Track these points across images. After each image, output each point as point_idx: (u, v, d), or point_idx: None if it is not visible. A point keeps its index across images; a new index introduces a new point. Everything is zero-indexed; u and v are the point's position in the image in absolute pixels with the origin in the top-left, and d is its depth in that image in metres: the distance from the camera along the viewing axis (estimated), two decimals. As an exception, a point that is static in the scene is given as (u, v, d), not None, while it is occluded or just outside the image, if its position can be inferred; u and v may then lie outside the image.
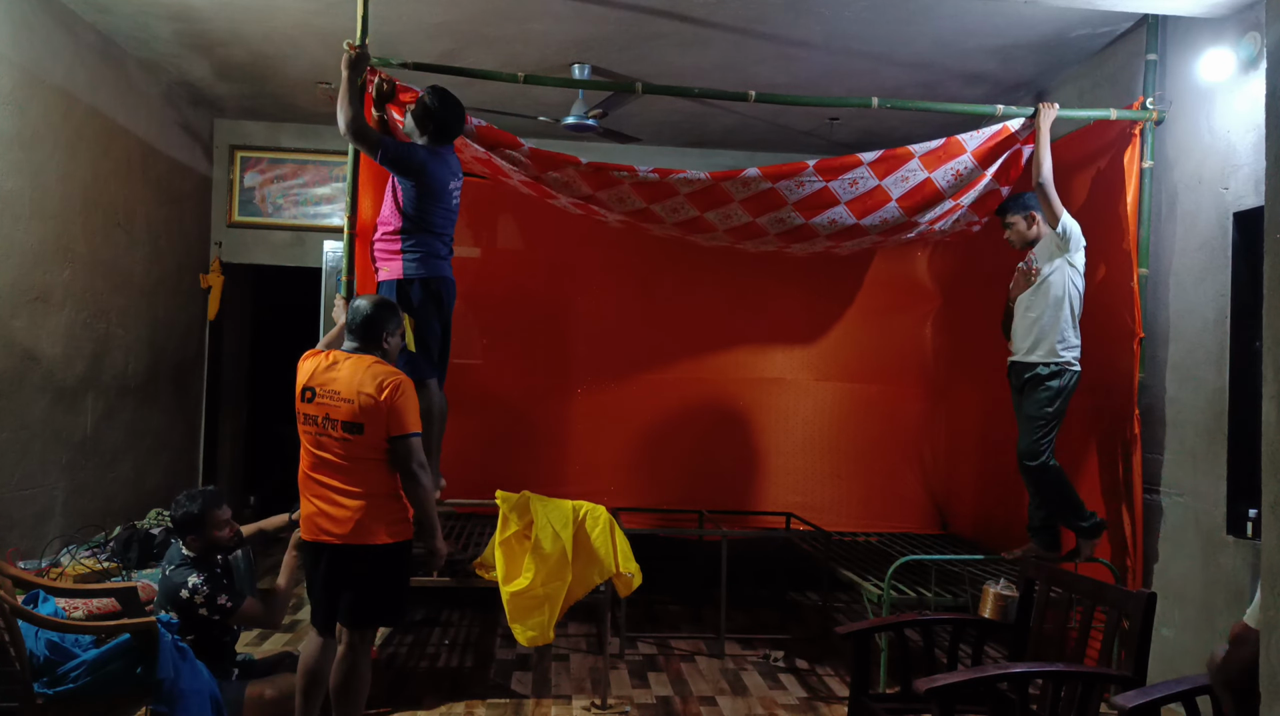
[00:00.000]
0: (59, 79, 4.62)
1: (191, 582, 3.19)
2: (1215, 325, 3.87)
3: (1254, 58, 3.72)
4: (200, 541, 3.28)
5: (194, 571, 3.22)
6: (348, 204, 3.96)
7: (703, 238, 4.84)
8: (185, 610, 3.20)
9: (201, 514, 3.27)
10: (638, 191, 4.30)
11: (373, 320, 3.13)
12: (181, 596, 3.19)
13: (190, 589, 3.18)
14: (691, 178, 4.21)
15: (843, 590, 5.80)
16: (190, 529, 3.27)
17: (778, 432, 5.88)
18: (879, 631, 3.27)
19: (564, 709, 3.98)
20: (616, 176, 4.22)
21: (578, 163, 4.15)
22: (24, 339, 4.39)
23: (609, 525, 3.92)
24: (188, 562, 3.27)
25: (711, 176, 4.21)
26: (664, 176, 4.19)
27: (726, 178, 4.22)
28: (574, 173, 4.20)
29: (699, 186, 4.27)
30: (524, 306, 5.67)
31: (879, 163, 4.23)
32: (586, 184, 4.26)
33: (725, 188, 4.28)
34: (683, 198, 4.34)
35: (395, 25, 4.63)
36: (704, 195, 4.33)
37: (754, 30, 4.68)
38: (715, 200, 4.37)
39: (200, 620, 3.24)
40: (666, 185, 4.26)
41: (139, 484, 5.60)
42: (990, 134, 4.28)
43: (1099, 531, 4.09)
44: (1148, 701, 2.37)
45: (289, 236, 6.72)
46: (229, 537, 3.36)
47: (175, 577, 3.22)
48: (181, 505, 3.28)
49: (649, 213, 4.46)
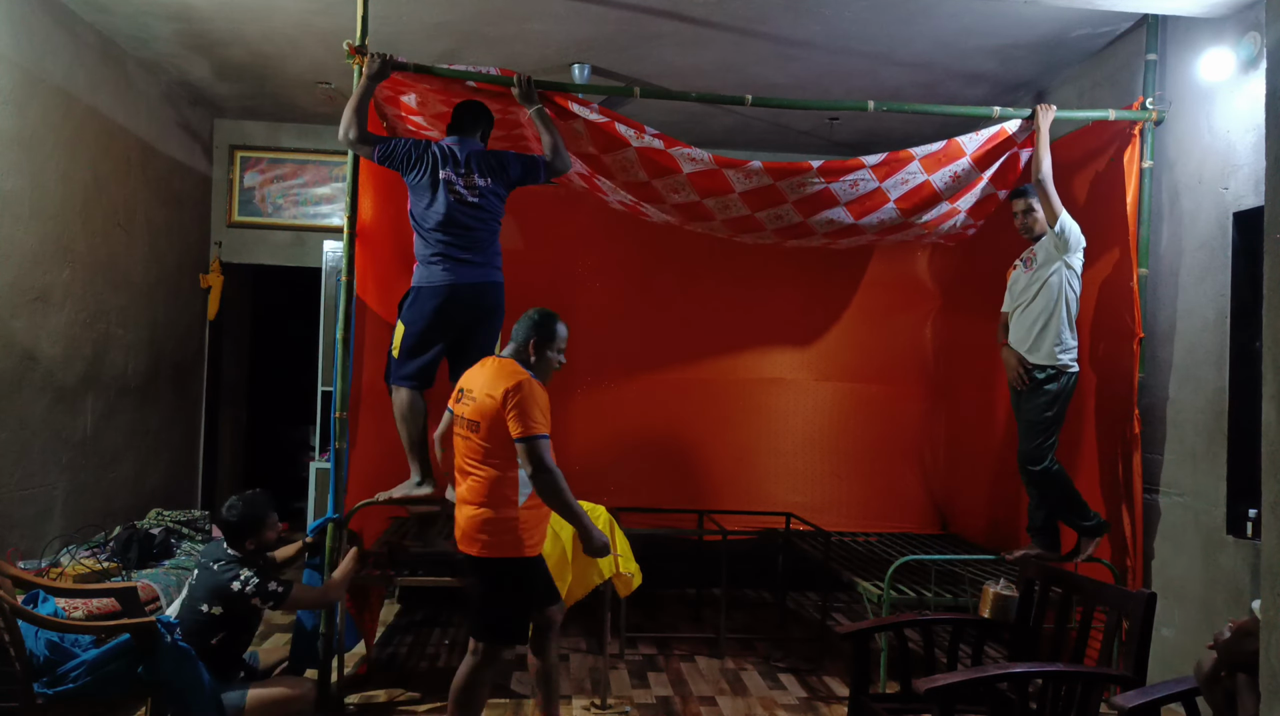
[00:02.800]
0: (59, 79, 4.62)
1: (244, 575, 3.21)
2: (1215, 325, 3.87)
3: (1254, 58, 3.72)
4: (255, 543, 3.34)
5: (243, 567, 3.25)
6: (348, 204, 3.96)
7: (700, 226, 4.79)
8: (235, 603, 3.20)
9: (264, 517, 3.33)
10: (642, 159, 4.23)
11: (521, 328, 3.24)
12: (233, 589, 3.19)
13: (243, 581, 3.20)
14: (695, 155, 4.18)
15: (843, 590, 5.80)
16: (251, 532, 3.31)
17: (778, 433, 5.88)
18: (879, 631, 3.27)
19: (564, 709, 3.98)
20: (622, 132, 4.12)
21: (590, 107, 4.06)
22: (24, 339, 4.39)
23: (609, 525, 3.92)
24: (236, 560, 3.29)
25: (715, 159, 4.19)
26: (668, 145, 4.16)
27: (729, 164, 4.19)
28: (581, 126, 4.11)
29: (701, 167, 4.22)
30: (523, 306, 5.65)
31: (881, 165, 4.23)
32: (594, 143, 4.19)
33: (727, 175, 4.25)
34: (685, 177, 4.29)
35: (395, 25, 4.63)
36: (705, 178, 4.28)
37: (754, 30, 4.68)
38: (715, 187, 4.33)
39: (241, 615, 3.25)
40: (669, 157, 4.20)
41: (139, 484, 5.60)
42: (989, 136, 4.28)
43: (1101, 531, 4.09)
44: (1148, 701, 2.38)
45: (289, 236, 6.72)
46: (276, 538, 3.44)
47: (224, 574, 3.23)
48: (240, 509, 3.32)
49: (650, 188, 4.38)
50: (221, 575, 3.24)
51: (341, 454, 3.82)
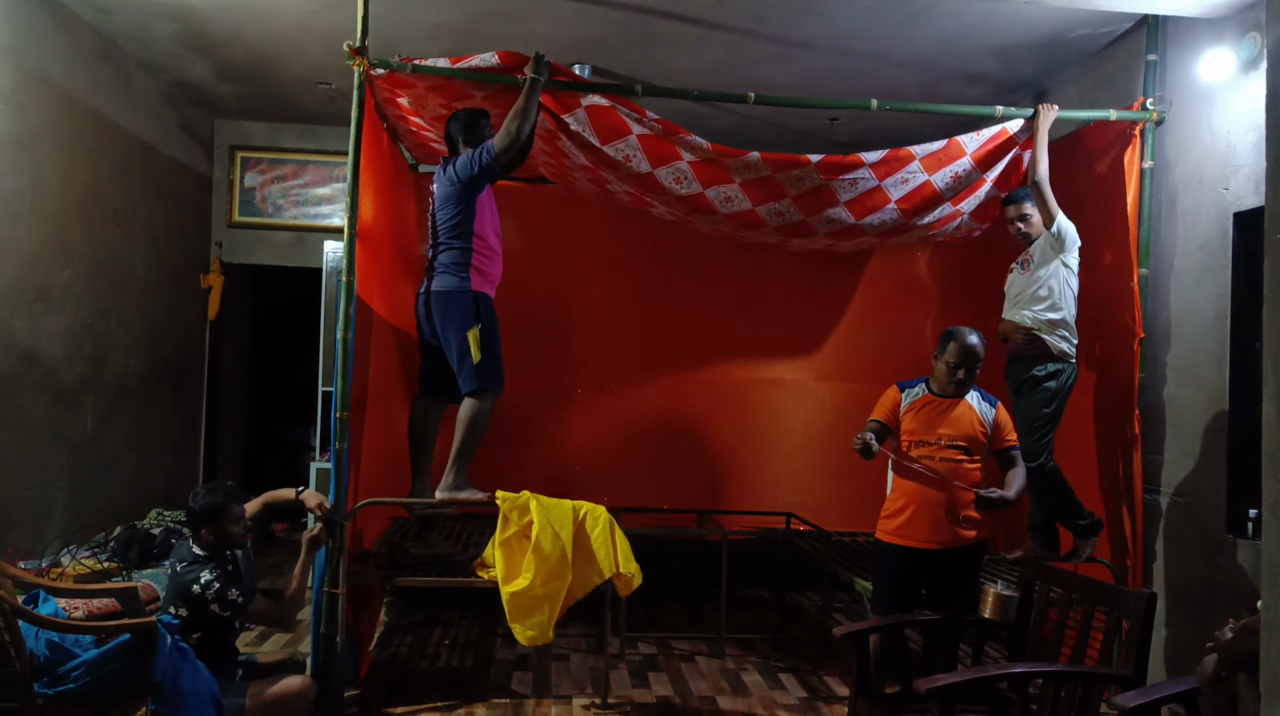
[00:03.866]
0: (59, 79, 4.62)
1: (204, 579, 3.20)
2: (1215, 325, 3.87)
3: (1254, 58, 3.72)
4: (215, 534, 3.29)
5: (206, 568, 3.23)
6: (348, 204, 3.95)
7: (702, 220, 4.77)
8: (196, 606, 3.20)
9: (223, 506, 3.28)
10: (643, 145, 4.22)
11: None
12: (194, 592, 3.19)
13: (203, 585, 3.19)
14: (695, 142, 4.18)
15: (843, 590, 5.80)
16: (209, 520, 3.27)
17: (778, 432, 5.88)
18: (879, 631, 3.27)
19: (564, 709, 3.98)
20: (623, 116, 4.13)
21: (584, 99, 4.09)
22: (24, 339, 4.39)
23: (609, 525, 3.91)
24: (199, 560, 3.27)
25: (714, 149, 4.19)
26: (669, 132, 4.16)
27: (728, 153, 4.20)
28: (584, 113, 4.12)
29: (702, 155, 4.23)
30: (524, 306, 5.66)
31: (880, 164, 4.23)
32: (596, 133, 4.18)
33: (726, 164, 4.25)
34: (686, 164, 4.28)
35: (395, 25, 4.63)
36: (705, 168, 4.27)
37: (754, 30, 4.68)
38: (716, 176, 4.31)
39: (209, 617, 3.24)
40: (670, 145, 4.21)
41: (139, 484, 5.60)
42: (990, 136, 4.28)
43: (1096, 530, 4.09)
44: (1148, 701, 2.37)
45: (289, 236, 6.72)
46: (241, 535, 3.37)
47: (187, 575, 3.22)
48: (202, 496, 3.29)
49: (652, 179, 4.35)
50: (184, 576, 3.23)
51: (342, 454, 3.81)
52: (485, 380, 3.98)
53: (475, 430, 4.00)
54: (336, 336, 3.83)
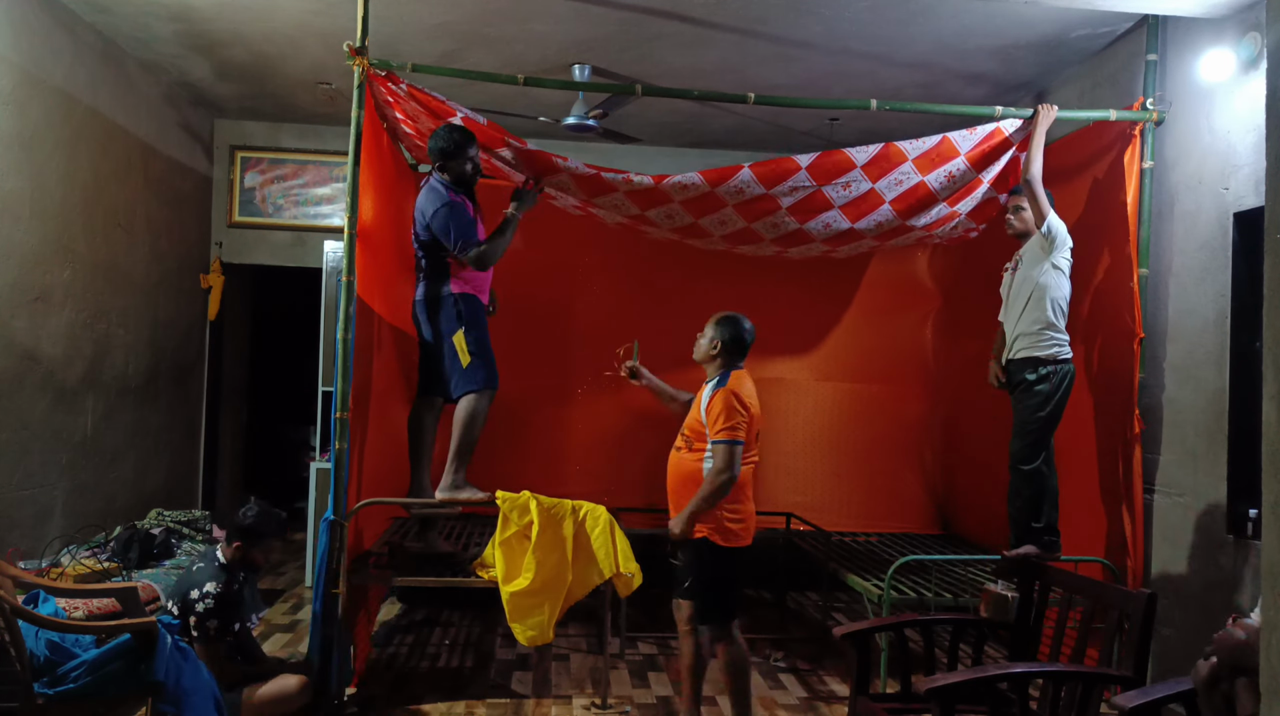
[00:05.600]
0: (59, 79, 4.62)
1: (206, 589, 3.21)
2: (1215, 325, 3.87)
3: (1254, 58, 3.72)
4: (244, 552, 3.34)
5: (214, 581, 3.24)
6: (348, 204, 3.95)
7: (700, 242, 4.84)
8: (184, 610, 3.21)
9: (269, 535, 3.36)
10: (633, 199, 4.30)
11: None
12: (190, 597, 3.20)
13: (200, 595, 3.19)
14: (685, 182, 4.19)
15: (843, 590, 5.79)
16: (249, 537, 3.33)
17: (778, 432, 5.88)
18: (879, 631, 3.27)
19: (564, 709, 3.98)
20: (609, 180, 4.19)
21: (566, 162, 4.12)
22: (24, 339, 4.39)
23: (609, 525, 3.92)
24: (216, 568, 3.28)
25: (705, 179, 4.19)
26: (658, 183, 4.19)
27: (719, 180, 4.20)
28: (567, 178, 4.20)
29: (693, 193, 4.25)
30: (523, 307, 5.66)
31: (872, 164, 4.23)
32: (582, 190, 4.26)
33: (719, 193, 4.27)
34: (677, 204, 4.34)
35: (395, 25, 4.63)
36: (697, 203, 4.32)
37: (754, 31, 4.68)
38: (709, 206, 4.36)
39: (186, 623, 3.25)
40: (661, 192, 4.25)
41: (139, 484, 5.61)
42: (984, 135, 4.26)
43: (1051, 550, 3.97)
44: (1148, 701, 2.37)
45: (289, 237, 6.72)
46: (261, 566, 3.44)
47: (198, 576, 3.23)
48: (255, 515, 3.33)
49: (644, 219, 4.48)
50: (195, 576, 3.25)
51: (342, 454, 3.81)
52: (477, 381, 3.99)
53: (472, 429, 4.01)
54: (336, 336, 3.83)
